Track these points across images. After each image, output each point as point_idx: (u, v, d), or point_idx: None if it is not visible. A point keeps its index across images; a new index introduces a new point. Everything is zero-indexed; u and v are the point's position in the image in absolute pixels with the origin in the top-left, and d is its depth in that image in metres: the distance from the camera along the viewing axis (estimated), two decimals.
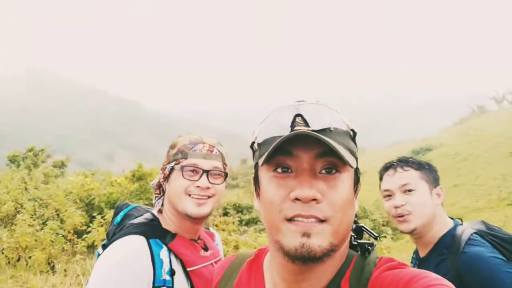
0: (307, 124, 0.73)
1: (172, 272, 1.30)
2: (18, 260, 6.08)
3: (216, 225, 9.76)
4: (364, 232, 0.88)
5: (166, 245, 1.33)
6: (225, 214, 12.66)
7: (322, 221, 0.69)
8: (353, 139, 0.79)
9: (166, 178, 1.41)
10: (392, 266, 0.76)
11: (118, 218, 1.46)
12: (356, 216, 0.82)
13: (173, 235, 1.37)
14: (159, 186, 1.46)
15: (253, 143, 0.81)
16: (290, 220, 0.70)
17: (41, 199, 10.15)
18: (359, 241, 0.84)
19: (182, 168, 1.37)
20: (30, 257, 6.19)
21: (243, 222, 12.79)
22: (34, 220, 7.31)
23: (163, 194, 1.45)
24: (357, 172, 0.80)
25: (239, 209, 13.74)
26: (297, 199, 0.69)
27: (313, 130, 0.72)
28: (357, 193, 0.80)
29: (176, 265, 1.33)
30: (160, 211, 1.44)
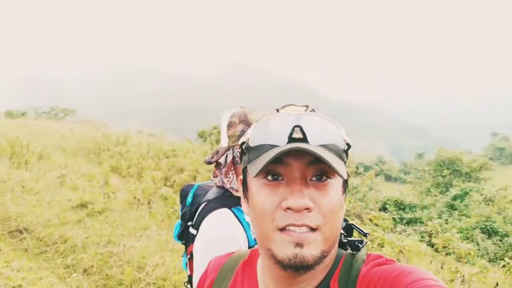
0: (305, 136, 0.72)
1: None
2: None
3: (370, 219, 9.43)
4: (354, 230, 0.88)
5: None
6: (384, 209, 12.13)
7: (313, 229, 0.69)
8: (346, 151, 0.78)
9: None
10: (380, 263, 0.75)
11: (189, 199, 1.57)
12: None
13: None
14: (234, 163, 1.49)
15: (243, 143, 0.80)
16: (282, 229, 0.70)
17: None
18: (349, 239, 0.84)
19: None
20: None
21: (404, 221, 12.04)
22: None
23: (235, 170, 1.49)
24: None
25: (401, 206, 12.96)
26: (289, 208, 0.69)
27: (309, 142, 0.71)
28: (345, 195, 0.80)
29: None
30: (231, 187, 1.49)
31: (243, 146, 0.80)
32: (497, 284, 5.47)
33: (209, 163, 1.53)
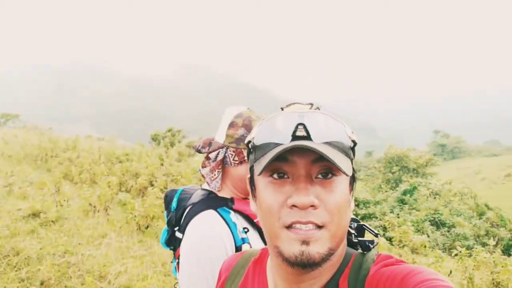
0: (308, 134, 0.72)
1: (246, 230, 1.37)
2: (147, 227, 6.87)
3: None
4: (365, 231, 0.88)
5: (231, 208, 1.40)
6: None
7: (319, 227, 0.70)
8: (352, 148, 0.79)
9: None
10: (389, 263, 0.76)
11: (174, 204, 1.53)
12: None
13: (231, 199, 1.43)
14: (223, 163, 1.48)
15: (249, 141, 0.81)
16: (288, 227, 0.70)
17: (172, 175, 11.39)
18: (360, 239, 0.84)
19: None
20: (157, 225, 6.97)
21: (359, 217, 12.44)
22: (163, 193, 8.17)
23: (222, 169, 1.48)
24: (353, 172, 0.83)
25: (355, 202, 13.37)
26: (294, 205, 0.69)
27: (313, 140, 0.72)
28: (352, 192, 0.80)
29: (245, 223, 1.40)
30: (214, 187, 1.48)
31: (249, 145, 0.81)
32: (450, 272, 5.81)
33: (199, 151, 1.51)
